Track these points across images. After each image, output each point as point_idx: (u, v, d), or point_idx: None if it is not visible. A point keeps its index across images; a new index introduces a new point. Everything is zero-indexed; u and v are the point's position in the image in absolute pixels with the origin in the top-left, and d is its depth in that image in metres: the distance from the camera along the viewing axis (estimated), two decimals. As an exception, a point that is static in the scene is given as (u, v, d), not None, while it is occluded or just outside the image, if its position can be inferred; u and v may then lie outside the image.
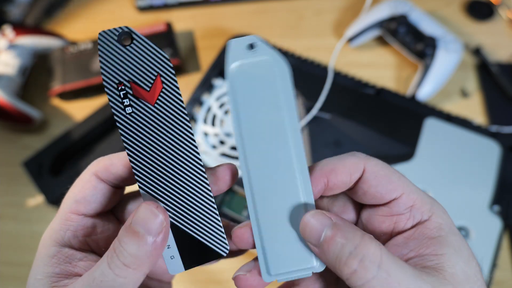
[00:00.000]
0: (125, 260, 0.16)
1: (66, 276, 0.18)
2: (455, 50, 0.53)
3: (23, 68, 0.57)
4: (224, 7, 0.66)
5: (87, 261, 0.19)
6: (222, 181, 0.20)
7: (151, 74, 0.17)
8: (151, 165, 0.18)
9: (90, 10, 0.67)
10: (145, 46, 0.17)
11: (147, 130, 0.17)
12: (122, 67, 0.17)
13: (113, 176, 0.20)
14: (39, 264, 0.19)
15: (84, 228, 0.20)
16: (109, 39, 0.17)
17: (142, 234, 0.16)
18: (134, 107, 0.17)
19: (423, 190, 0.42)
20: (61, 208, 0.20)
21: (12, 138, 0.56)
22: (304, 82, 0.48)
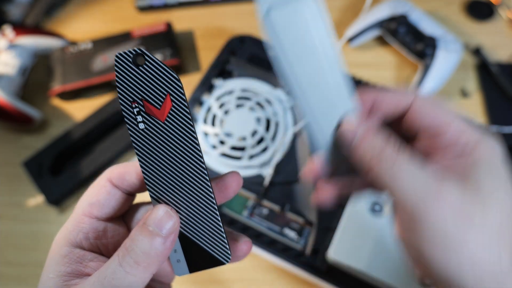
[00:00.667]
0: (136, 258, 0.17)
1: (77, 275, 0.19)
2: (455, 50, 0.53)
3: (23, 68, 0.57)
4: (224, 7, 0.66)
5: (97, 262, 0.20)
6: (230, 189, 0.21)
7: (161, 93, 0.19)
8: (160, 176, 0.19)
9: (90, 10, 0.67)
10: (157, 66, 0.18)
11: (158, 145, 0.19)
12: (136, 86, 0.18)
13: (127, 183, 0.21)
14: (51, 263, 0.20)
15: (96, 231, 0.21)
16: (124, 60, 0.18)
17: (156, 233, 0.18)
18: (146, 124, 0.19)
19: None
20: (75, 210, 0.21)
21: (12, 138, 0.56)
22: (304, 82, 0.49)
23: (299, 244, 0.41)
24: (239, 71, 0.51)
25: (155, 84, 0.18)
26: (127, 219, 0.23)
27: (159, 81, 0.18)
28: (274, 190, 0.43)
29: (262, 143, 0.45)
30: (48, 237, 0.49)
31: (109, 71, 0.56)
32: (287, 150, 0.45)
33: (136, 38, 0.59)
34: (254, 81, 0.49)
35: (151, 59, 0.18)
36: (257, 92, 0.48)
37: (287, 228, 0.42)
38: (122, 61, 0.18)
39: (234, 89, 0.48)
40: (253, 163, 0.44)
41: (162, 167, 0.19)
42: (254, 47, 0.52)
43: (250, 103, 0.47)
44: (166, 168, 0.19)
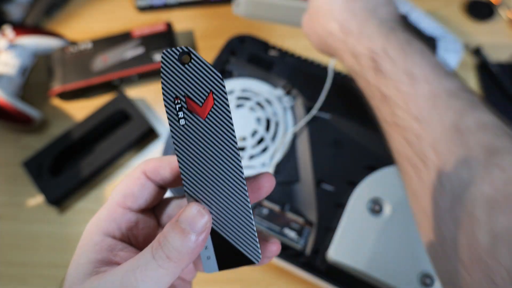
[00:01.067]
0: (169, 253, 0.18)
1: (107, 263, 0.20)
2: (455, 50, 0.53)
3: (23, 68, 0.57)
4: (224, 7, 0.66)
5: (127, 252, 0.21)
6: (263, 189, 0.21)
7: (204, 91, 0.19)
8: (197, 172, 0.20)
9: (90, 10, 0.67)
10: (201, 65, 0.19)
11: (197, 141, 0.19)
12: (180, 83, 0.19)
13: (160, 177, 0.21)
14: (83, 250, 0.21)
15: (128, 222, 0.21)
16: (170, 58, 0.19)
17: (188, 231, 0.18)
18: (187, 120, 0.19)
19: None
20: (109, 200, 0.22)
21: (12, 138, 0.56)
22: (304, 82, 0.48)
23: (299, 244, 0.41)
24: (239, 71, 0.51)
25: (199, 82, 0.19)
26: (158, 212, 0.23)
27: (203, 79, 0.19)
28: (274, 190, 0.43)
29: (262, 143, 0.45)
30: (48, 237, 0.49)
31: (109, 71, 0.56)
32: (287, 150, 0.45)
33: (136, 38, 0.59)
34: (254, 81, 0.49)
35: (197, 58, 0.19)
36: (257, 92, 0.48)
37: (287, 228, 0.42)
38: (169, 58, 0.19)
39: (234, 89, 0.48)
40: (253, 163, 0.44)
41: (200, 164, 0.20)
42: (254, 47, 0.52)
43: (250, 103, 0.47)
44: (203, 165, 0.20)
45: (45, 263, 0.47)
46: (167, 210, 0.23)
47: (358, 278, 0.39)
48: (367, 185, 0.41)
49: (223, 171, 0.20)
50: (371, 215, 0.39)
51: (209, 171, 0.20)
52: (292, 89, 0.48)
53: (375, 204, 0.39)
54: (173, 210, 0.23)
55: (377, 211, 0.39)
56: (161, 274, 0.18)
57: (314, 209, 0.41)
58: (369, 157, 0.44)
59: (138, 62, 0.57)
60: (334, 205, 0.41)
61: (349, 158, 0.44)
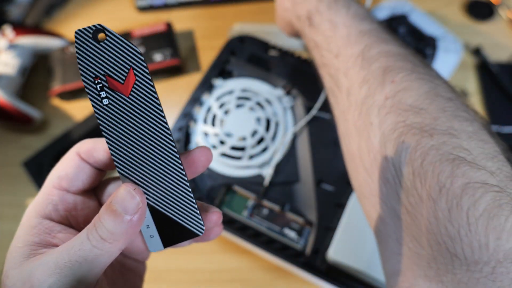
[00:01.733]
0: (102, 234, 0.18)
1: (44, 245, 0.20)
2: (455, 50, 0.53)
3: (23, 68, 0.57)
4: (224, 7, 0.66)
5: (65, 234, 0.21)
6: (198, 163, 0.21)
7: (124, 68, 0.18)
8: (128, 151, 0.19)
9: (90, 10, 0.67)
10: (118, 42, 0.18)
11: (124, 120, 0.19)
12: (98, 62, 0.18)
13: (94, 159, 0.21)
14: (20, 234, 0.21)
15: (65, 203, 0.21)
16: (84, 37, 0.18)
17: (119, 212, 0.18)
18: (110, 99, 0.19)
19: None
20: (45, 183, 0.22)
21: (12, 138, 0.56)
22: (304, 82, 0.48)
23: (299, 244, 0.41)
24: (239, 71, 0.51)
25: (117, 59, 0.18)
26: (99, 193, 0.23)
27: (121, 56, 0.18)
28: (274, 190, 0.43)
29: (262, 143, 0.45)
30: (48, 237, 0.49)
31: (109, 71, 0.56)
32: (287, 150, 0.45)
33: (136, 38, 0.59)
34: (254, 81, 0.49)
35: (112, 34, 0.18)
36: (257, 92, 0.48)
37: (287, 228, 0.42)
38: (83, 37, 0.18)
39: (234, 89, 0.48)
40: (253, 163, 0.44)
41: (129, 143, 0.19)
42: (254, 47, 0.52)
43: (250, 103, 0.47)
44: (133, 143, 0.19)
45: (45, 263, 0.47)
46: (107, 190, 0.23)
47: (358, 278, 0.39)
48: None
49: (154, 147, 0.19)
50: (371, 215, 0.39)
51: (140, 149, 0.19)
52: (292, 89, 0.48)
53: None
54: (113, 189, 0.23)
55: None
56: (96, 254, 0.18)
57: (314, 209, 0.41)
58: (369, 157, 0.44)
59: (138, 62, 0.57)
60: (334, 205, 0.41)
61: (349, 158, 0.44)
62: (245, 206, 0.43)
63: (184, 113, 0.48)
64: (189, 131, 0.47)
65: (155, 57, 0.57)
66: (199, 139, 0.46)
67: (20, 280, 0.18)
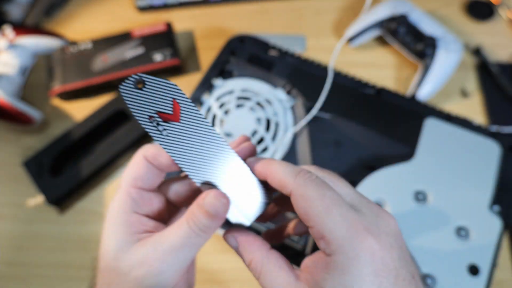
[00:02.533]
0: (201, 227, 0.22)
1: (141, 233, 0.23)
2: (455, 50, 0.53)
3: (23, 68, 0.57)
4: (224, 7, 0.66)
5: (153, 223, 0.24)
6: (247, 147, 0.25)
7: (168, 101, 0.22)
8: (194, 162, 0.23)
9: (90, 10, 0.67)
10: (155, 82, 0.21)
11: (182, 139, 0.22)
12: (147, 105, 0.21)
13: (158, 162, 0.24)
14: (115, 227, 0.24)
15: (142, 199, 0.25)
16: (128, 89, 0.21)
17: (213, 214, 0.22)
18: (167, 129, 0.22)
19: (422, 190, 0.41)
20: (121, 185, 0.25)
21: (12, 138, 0.56)
22: (304, 82, 0.48)
23: (299, 244, 0.41)
24: (239, 71, 0.51)
25: (160, 96, 0.21)
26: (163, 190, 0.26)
27: (162, 92, 0.21)
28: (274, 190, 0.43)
29: (262, 143, 0.45)
30: (48, 237, 0.49)
31: (109, 71, 0.56)
32: (287, 150, 0.45)
33: (136, 38, 0.59)
34: (254, 81, 0.49)
35: (148, 78, 0.21)
36: (257, 92, 0.48)
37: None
38: (127, 89, 0.21)
39: (234, 89, 0.48)
40: (253, 163, 0.44)
41: (192, 153, 0.22)
42: (254, 47, 0.52)
43: (250, 103, 0.47)
44: (195, 152, 0.23)
45: (45, 263, 0.47)
46: (172, 188, 0.26)
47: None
48: (367, 185, 0.41)
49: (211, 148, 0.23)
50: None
51: (202, 156, 0.23)
52: (292, 89, 0.48)
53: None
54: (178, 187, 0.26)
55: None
56: (198, 242, 0.22)
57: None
58: (369, 157, 0.44)
59: (138, 62, 0.57)
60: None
61: (349, 158, 0.44)
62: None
63: (184, 113, 0.48)
64: (189, 131, 0.47)
65: (155, 57, 0.57)
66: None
67: (136, 261, 0.22)
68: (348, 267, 0.19)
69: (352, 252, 0.19)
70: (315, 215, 0.20)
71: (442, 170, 0.42)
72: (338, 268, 0.19)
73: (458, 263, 0.38)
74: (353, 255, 0.19)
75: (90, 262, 0.47)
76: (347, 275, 0.19)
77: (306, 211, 0.21)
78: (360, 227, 0.20)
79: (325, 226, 0.20)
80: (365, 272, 0.19)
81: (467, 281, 0.37)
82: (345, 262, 0.19)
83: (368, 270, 0.19)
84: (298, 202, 0.21)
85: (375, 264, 0.19)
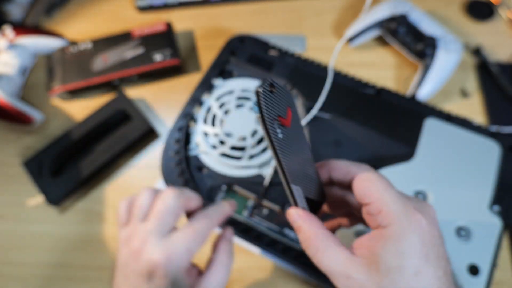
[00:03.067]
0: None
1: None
2: (455, 50, 0.53)
3: (23, 68, 0.57)
4: (224, 7, 0.66)
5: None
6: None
7: (285, 106, 0.24)
8: (293, 166, 0.25)
9: (90, 10, 0.67)
10: (280, 88, 0.24)
11: (290, 144, 0.25)
12: (274, 108, 0.23)
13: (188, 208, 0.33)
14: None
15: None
16: (265, 91, 0.23)
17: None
18: (283, 133, 0.24)
19: (422, 190, 0.41)
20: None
21: (12, 138, 0.56)
22: (304, 82, 0.49)
23: (299, 244, 0.41)
24: (239, 71, 0.51)
25: (281, 101, 0.24)
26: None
27: (283, 98, 0.24)
28: (274, 190, 0.43)
29: (262, 143, 0.45)
30: (48, 237, 0.49)
31: (109, 71, 0.56)
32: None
33: (136, 38, 0.59)
34: (254, 81, 0.49)
35: (277, 84, 0.23)
36: (257, 92, 0.48)
37: (287, 228, 0.42)
38: (264, 93, 0.23)
39: (234, 89, 0.48)
40: (253, 163, 0.44)
41: (293, 160, 0.25)
42: (254, 47, 0.52)
43: (250, 103, 0.47)
44: (295, 158, 0.25)
45: (45, 263, 0.47)
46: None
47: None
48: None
49: (304, 156, 0.26)
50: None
51: (298, 161, 0.26)
52: (292, 89, 0.48)
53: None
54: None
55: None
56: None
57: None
58: (369, 157, 0.44)
59: (138, 62, 0.57)
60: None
61: (349, 158, 0.44)
62: (245, 206, 0.43)
63: (184, 113, 0.48)
64: (189, 131, 0.47)
65: (155, 57, 0.57)
66: (199, 139, 0.46)
67: None
68: (402, 235, 0.23)
69: (406, 222, 0.23)
70: (376, 191, 0.24)
71: (442, 170, 0.42)
72: (393, 236, 0.23)
73: (458, 263, 0.38)
74: (406, 225, 0.23)
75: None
76: (402, 241, 0.22)
77: (368, 189, 0.25)
78: (410, 205, 0.24)
79: (384, 200, 0.24)
80: (415, 241, 0.22)
81: (467, 281, 0.37)
82: (399, 231, 0.23)
83: (418, 240, 0.23)
84: (361, 182, 0.25)
85: (423, 236, 0.23)
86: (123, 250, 0.30)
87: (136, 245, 0.29)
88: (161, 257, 0.28)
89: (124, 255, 0.30)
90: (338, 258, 0.24)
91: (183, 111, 0.48)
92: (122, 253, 0.30)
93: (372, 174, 0.25)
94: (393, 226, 0.23)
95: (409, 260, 0.22)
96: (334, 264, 0.24)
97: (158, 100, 0.58)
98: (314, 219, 0.26)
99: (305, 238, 0.26)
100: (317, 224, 0.26)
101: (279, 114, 0.23)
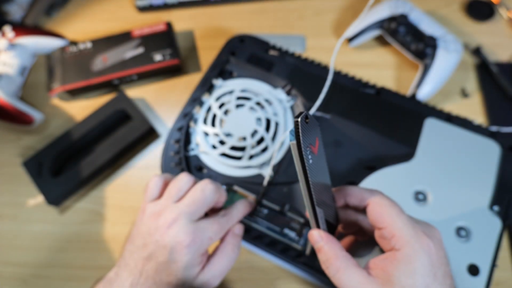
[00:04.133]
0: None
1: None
2: (455, 50, 0.53)
3: (23, 68, 0.57)
4: (224, 7, 0.66)
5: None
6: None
7: (314, 135, 0.26)
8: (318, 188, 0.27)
9: (90, 10, 0.67)
10: (311, 119, 0.26)
11: (316, 169, 0.27)
12: (308, 136, 0.25)
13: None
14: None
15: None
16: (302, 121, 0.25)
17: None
18: (312, 159, 0.26)
19: (422, 190, 0.41)
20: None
21: (12, 138, 0.56)
22: (304, 82, 0.48)
23: (299, 244, 0.41)
24: (239, 71, 0.51)
25: (312, 131, 0.26)
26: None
27: (313, 128, 0.26)
28: (274, 190, 0.43)
29: (262, 143, 0.45)
30: (48, 237, 0.49)
31: (109, 71, 0.56)
32: (287, 150, 0.45)
33: (136, 38, 0.59)
34: (254, 81, 0.49)
35: (310, 116, 0.26)
36: (257, 92, 0.48)
37: (287, 228, 0.42)
38: (302, 122, 0.25)
39: (234, 89, 0.48)
40: (253, 163, 0.44)
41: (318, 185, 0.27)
42: (254, 47, 0.52)
43: (250, 103, 0.47)
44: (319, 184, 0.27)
45: (45, 263, 0.47)
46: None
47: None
48: (367, 185, 0.41)
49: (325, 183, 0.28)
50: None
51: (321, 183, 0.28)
52: (292, 89, 0.48)
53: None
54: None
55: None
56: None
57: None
58: (369, 157, 0.44)
59: (138, 62, 0.57)
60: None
61: (349, 158, 0.44)
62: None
63: (184, 113, 0.48)
64: (189, 131, 0.47)
65: (155, 57, 0.57)
66: (199, 139, 0.46)
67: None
68: (414, 257, 0.26)
69: (416, 245, 0.26)
70: (388, 217, 0.27)
71: (442, 170, 0.42)
72: (405, 258, 0.26)
73: (458, 263, 0.38)
74: (417, 248, 0.26)
75: (89, 262, 0.47)
76: (413, 263, 0.25)
77: (382, 214, 0.28)
78: (419, 229, 0.27)
79: (397, 225, 0.27)
80: (425, 262, 0.26)
81: (467, 281, 0.37)
82: (411, 254, 0.26)
83: (427, 261, 0.26)
84: (375, 208, 0.28)
85: (431, 258, 0.26)
86: (147, 222, 0.33)
87: (165, 221, 0.32)
88: (187, 238, 0.31)
89: (147, 226, 0.32)
90: (356, 278, 0.26)
91: (183, 111, 0.48)
92: (145, 224, 0.33)
93: (385, 200, 0.28)
94: (405, 249, 0.26)
95: (420, 279, 0.25)
96: (353, 284, 0.26)
97: (158, 100, 0.58)
98: (335, 241, 0.28)
99: (326, 259, 0.28)
100: (337, 246, 0.28)
101: (310, 142, 0.26)
